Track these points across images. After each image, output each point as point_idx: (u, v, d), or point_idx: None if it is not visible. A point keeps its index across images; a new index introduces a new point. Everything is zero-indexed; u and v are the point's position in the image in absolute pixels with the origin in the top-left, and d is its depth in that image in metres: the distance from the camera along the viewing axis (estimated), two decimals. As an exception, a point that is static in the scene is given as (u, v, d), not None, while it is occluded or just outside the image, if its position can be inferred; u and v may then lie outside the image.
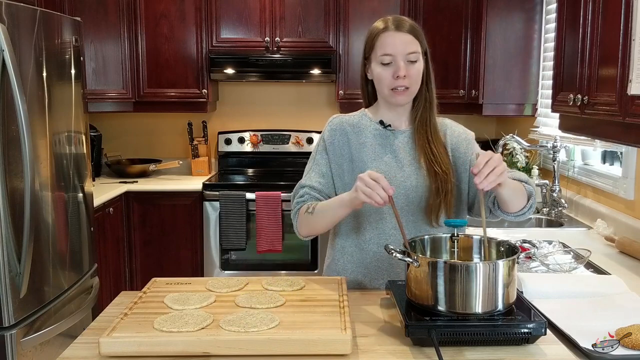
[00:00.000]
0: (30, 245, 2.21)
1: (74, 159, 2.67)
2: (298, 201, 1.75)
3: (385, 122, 1.75)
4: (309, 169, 1.78)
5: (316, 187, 1.73)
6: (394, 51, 1.64)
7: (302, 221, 1.72)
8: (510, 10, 3.53)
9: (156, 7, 3.85)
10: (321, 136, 1.80)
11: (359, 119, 1.78)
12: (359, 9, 3.86)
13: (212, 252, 3.77)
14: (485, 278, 1.30)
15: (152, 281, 1.65)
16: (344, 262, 1.78)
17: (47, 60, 2.42)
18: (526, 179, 1.70)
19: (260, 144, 4.26)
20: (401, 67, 1.64)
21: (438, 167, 1.68)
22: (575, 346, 1.31)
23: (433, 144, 1.70)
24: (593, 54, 1.96)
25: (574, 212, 2.98)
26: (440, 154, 1.69)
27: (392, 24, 1.67)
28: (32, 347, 2.28)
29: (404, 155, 1.73)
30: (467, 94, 3.81)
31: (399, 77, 1.64)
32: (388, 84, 1.67)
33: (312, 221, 1.68)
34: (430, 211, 1.68)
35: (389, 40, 1.65)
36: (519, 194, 1.61)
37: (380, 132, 1.75)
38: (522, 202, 1.64)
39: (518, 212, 1.66)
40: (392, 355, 1.28)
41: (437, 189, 1.67)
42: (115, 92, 3.87)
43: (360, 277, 1.75)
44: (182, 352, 1.24)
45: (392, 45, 1.64)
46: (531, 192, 1.67)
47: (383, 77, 1.66)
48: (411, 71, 1.65)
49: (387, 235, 1.71)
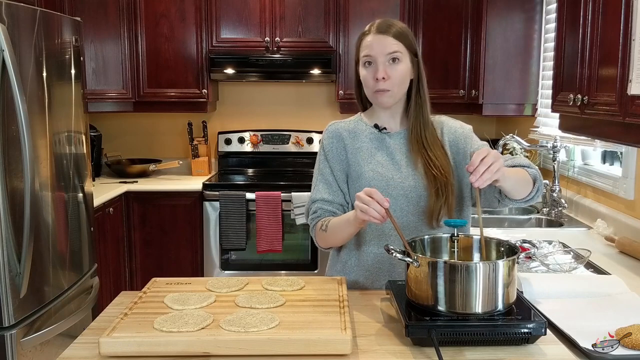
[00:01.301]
0: (30, 245, 2.21)
1: (74, 159, 2.67)
2: (312, 217, 1.76)
3: (380, 125, 1.76)
4: (315, 181, 1.79)
5: (327, 198, 1.74)
6: (373, 52, 1.65)
7: (320, 237, 1.74)
8: (510, 10, 3.53)
9: (156, 7, 3.86)
10: (320, 145, 1.81)
11: (355, 124, 1.79)
12: (359, 9, 3.86)
13: (212, 252, 3.77)
14: (485, 278, 1.30)
15: (152, 281, 1.65)
16: (344, 263, 1.78)
17: (47, 60, 2.42)
18: (528, 163, 1.68)
19: (260, 144, 4.26)
20: (379, 68, 1.64)
21: (436, 170, 1.67)
22: (575, 346, 1.31)
23: (429, 147, 1.70)
24: (593, 54, 1.96)
25: (574, 212, 2.98)
26: (437, 157, 1.69)
27: (375, 27, 1.68)
28: (32, 347, 2.28)
29: (401, 157, 1.73)
30: (467, 94, 3.81)
31: (379, 80, 1.64)
32: (371, 86, 1.68)
33: (328, 238, 1.71)
34: (431, 214, 1.68)
35: (369, 41, 1.67)
36: (522, 182, 1.60)
37: (376, 136, 1.76)
38: (528, 189, 1.63)
39: (526, 198, 1.64)
40: (392, 355, 1.28)
41: (437, 191, 1.67)
42: (115, 92, 3.87)
43: (361, 279, 1.75)
44: (182, 352, 1.24)
45: (371, 47, 1.66)
46: (535, 176, 1.65)
47: (366, 79, 1.68)
48: (392, 72, 1.65)
49: (387, 236, 1.71)
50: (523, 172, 1.63)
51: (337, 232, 1.67)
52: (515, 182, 1.57)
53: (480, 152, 1.43)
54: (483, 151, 1.44)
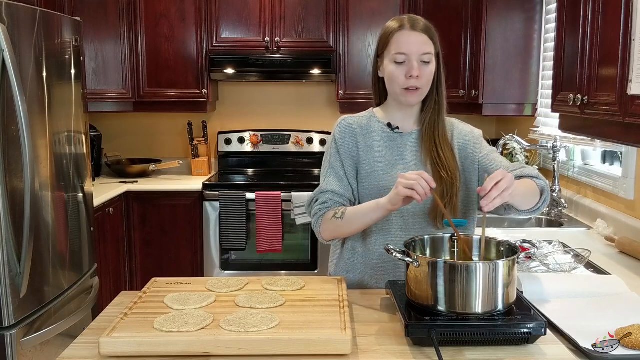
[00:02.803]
0: (30, 245, 2.21)
1: (74, 159, 2.67)
2: (321, 207, 1.72)
3: (393, 124, 1.75)
4: (325, 173, 1.76)
5: (337, 191, 1.72)
6: (408, 50, 1.64)
7: (329, 226, 1.70)
8: (510, 10, 3.53)
9: (156, 7, 3.85)
10: (332, 138, 1.78)
11: (368, 120, 1.78)
12: (359, 9, 3.86)
13: (212, 252, 3.77)
14: (485, 278, 1.30)
15: (152, 281, 1.65)
16: (353, 262, 1.78)
17: (47, 60, 2.42)
18: (537, 174, 1.68)
19: (260, 144, 4.26)
20: (414, 67, 1.63)
21: (444, 171, 1.67)
22: (575, 346, 1.31)
23: (440, 147, 1.70)
24: (593, 54, 1.96)
25: (574, 212, 2.98)
26: (446, 158, 1.69)
27: (408, 22, 1.67)
28: (32, 347, 2.28)
29: (411, 158, 1.73)
30: (467, 94, 3.81)
31: (412, 77, 1.63)
32: (401, 83, 1.66)
33: (342, 226, 1.67)
34: (436, 214, 1.68)
35: (404, 39, 1.65)
36: (529, 195, 1.60)
37: (388, 135, 1.75)
38: (535, 200, 1.62)
39: (532, 209, 1.64)
40: (392, 355, 1.28)
41: (442, 192, 1.67)
42: (115, 92, 3.87)
43: (367, 277, 1.76)
44: (182, 352, 1.24)
45: (407, 45, 1.64)
46: (543, 187, 1.64)
47: (396, 75, 1.66)
48: (424, 72, 1.65)
49: (393, 236, 1.71)
50: (532, 185, 1.62)
51: (357, 219, 1.63)
52: (523, 197, 1.57)
53: (494, 177, 1.42)
54: (498, 175, 1.42)
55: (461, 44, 3.79)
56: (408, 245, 1.45)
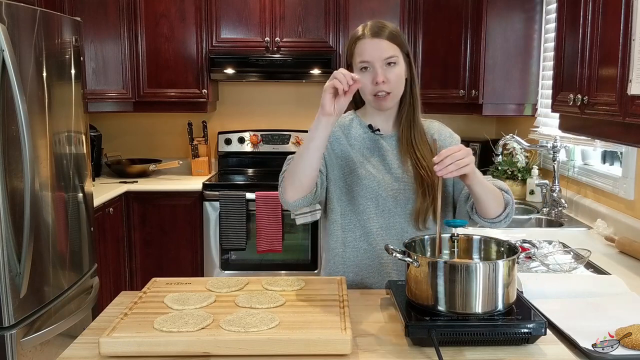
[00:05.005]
0: (30, 245, 2.21)
1: (74, 159, 2.67)
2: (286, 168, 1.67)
3: (374, 127, 1.76)
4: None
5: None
6: (371, 57, 1.65)
7: (286, 178, 1.61)
8: (510, 10, 3.53)
9: (156, 7, 3.86)
10: None
11: (350, 121, 1.79)
12: (359, 9, 3.86)
13: (212, 252, 3.77)
14: (485, 278, 1.30)
15: (152, 281, 1.65)
16: (334, 262, 1.79)
17: (47, 60, 2.42)
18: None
19: (260, 144, 4.26)
20: (379, 72, 1.64)
21: (424, 170, 1.68)
22: (575, 346, 1.31)
23: (417, 148, 1.71)
24: (593, 54, 1.96)
25: (574, 212, 2.98)
26: (425, 157, 1.70)
27: (369, 30, 1.66)
28: (32, 347, 2.28)
29: (392, 159, 1.74)
30: (467, 94, 3.80)
31: (378, 83, 1.64)
32: (369, 90, 1.67)
33: (292, 169, 1.58)
34: (418, 215, 1.70)
35: (365, 47, 1.65)
36: (492, 196, 1.59)
37: (369, 136, 1.76)
38: (499, 208, 1.62)
39: (494, 219, 1.64)
40: (392, 355, 1.28)
41: (424, 192, 1.68)
42: (115, 92, 3.87)
43: (351, 275, 1.76)
44: (182, 352, 1.24)
45: (369, 52, 1.65)
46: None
47: (364, 83, 1.65)
48: (390, 75, 1.65)
49: (374, 235, 1.72)
50: (498, 191, 1.63)
51: (304, 146, 1.55)
52: (485, 192, 1.57)
53: (452, 148, 1.45)
54: (455, 147, 1.45)
55: (461, 44, 3.79)
56: (408, 245, 1.45)
